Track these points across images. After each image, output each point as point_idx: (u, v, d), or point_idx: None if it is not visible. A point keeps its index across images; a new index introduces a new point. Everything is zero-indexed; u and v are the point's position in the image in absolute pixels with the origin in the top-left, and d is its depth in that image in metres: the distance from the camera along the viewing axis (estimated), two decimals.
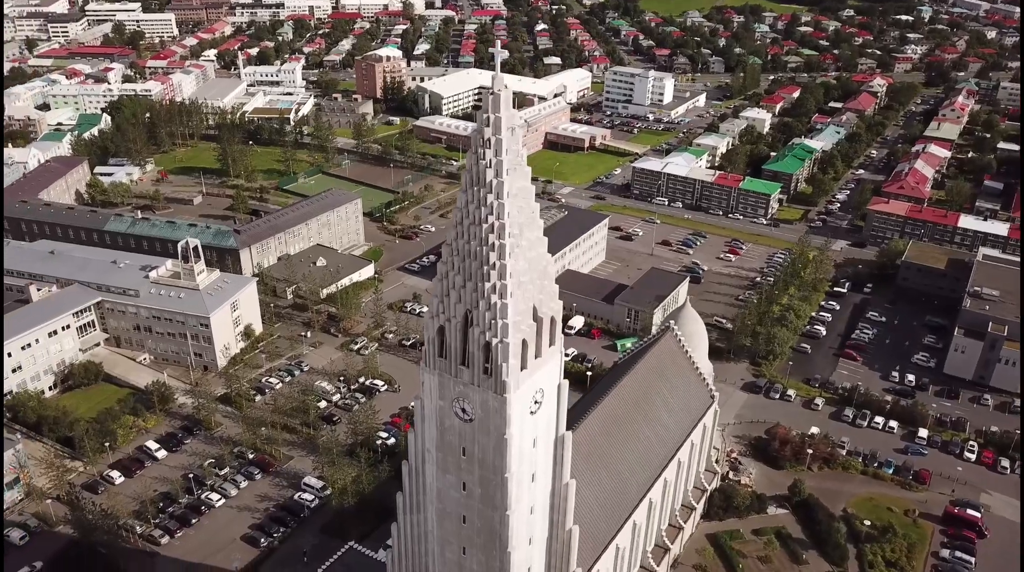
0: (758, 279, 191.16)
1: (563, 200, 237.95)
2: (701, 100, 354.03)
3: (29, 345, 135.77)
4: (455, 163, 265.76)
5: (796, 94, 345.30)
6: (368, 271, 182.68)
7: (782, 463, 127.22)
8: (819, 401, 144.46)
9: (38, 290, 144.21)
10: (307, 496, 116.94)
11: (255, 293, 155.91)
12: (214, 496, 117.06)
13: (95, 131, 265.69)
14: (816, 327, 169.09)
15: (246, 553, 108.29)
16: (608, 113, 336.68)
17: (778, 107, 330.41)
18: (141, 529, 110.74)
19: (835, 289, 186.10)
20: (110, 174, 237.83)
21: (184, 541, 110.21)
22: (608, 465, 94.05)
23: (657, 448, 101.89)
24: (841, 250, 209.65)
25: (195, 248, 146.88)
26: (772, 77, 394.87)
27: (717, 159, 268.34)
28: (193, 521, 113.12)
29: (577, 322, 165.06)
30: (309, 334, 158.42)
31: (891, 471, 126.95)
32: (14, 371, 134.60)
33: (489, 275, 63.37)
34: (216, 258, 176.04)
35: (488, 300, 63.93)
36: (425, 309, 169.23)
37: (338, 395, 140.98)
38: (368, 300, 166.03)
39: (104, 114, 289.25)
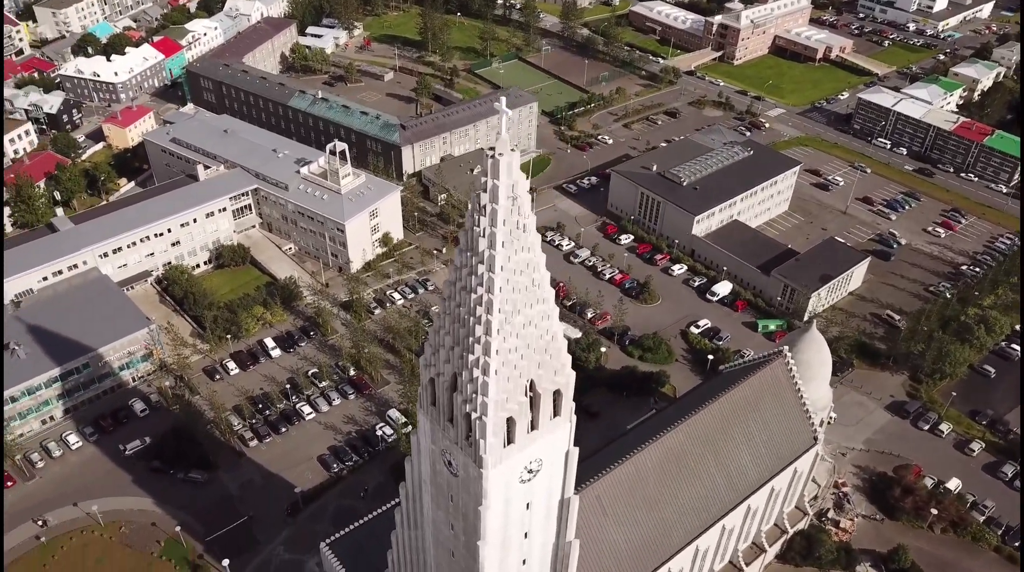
0: (965, 268, 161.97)
1: (766, 124, 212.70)
2: (986, 9, 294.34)
3: (188, 223, 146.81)
4: (661, 61, 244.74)
5: None
6: None
7: (899, 514, 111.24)
8: (977, 445, 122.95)
9: (205, 169, 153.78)
10: (387, 430, 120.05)
11: (398, 201, 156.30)
12: (306, 409, 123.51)
13: None
14: (1013, 346, 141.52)
15: (316, 474, 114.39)
16: (861, 15, 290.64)
17: None
18: (237, 427, 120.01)
19: None
20: (319, 35, 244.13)
21: (269, 448, 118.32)
22: (653, 507, 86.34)
23: (723, 492, 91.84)
24: None
25: (342, 152, 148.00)
26: None
27: (975, 95, 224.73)
28: (282, 430, 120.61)
29: (722, 289, 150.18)
30: (444, 250, 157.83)
31: None
32: (173, 245, 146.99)
33: (474, 348, 56.44)
34: (379, 150, 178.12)
35: (471, 372, 57.39)
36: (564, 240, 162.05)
37: None
38: None
39: None
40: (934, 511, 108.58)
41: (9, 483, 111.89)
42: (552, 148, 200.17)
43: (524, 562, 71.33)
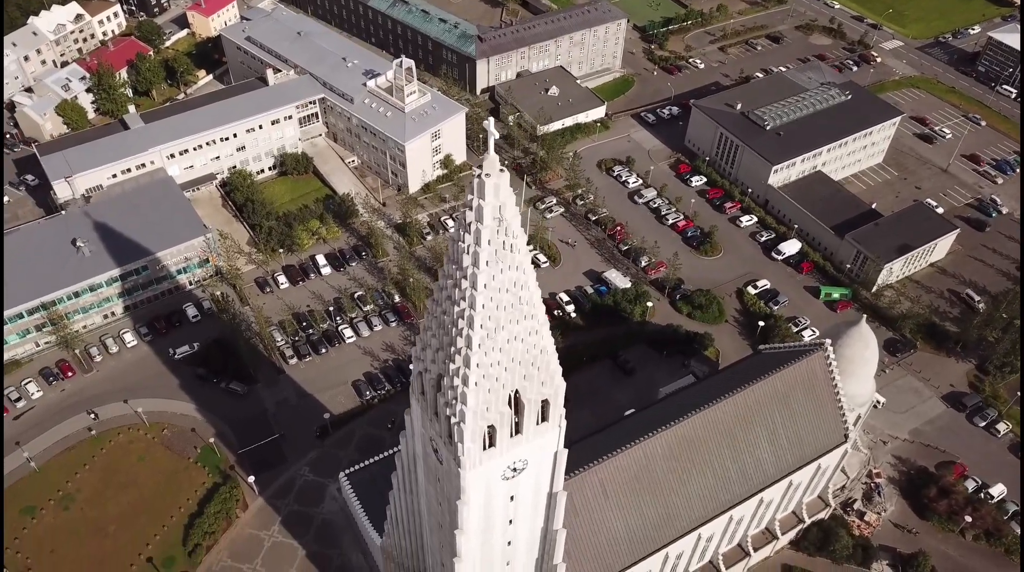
0: None
1: (878, 59, 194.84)
2: None
3: (254, 129, 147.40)
4: None
5: None
6: (597, 112, 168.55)
7: (930, 515, 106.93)
8: None
9: (275, 73, 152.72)
10: None
11: (463, 123, 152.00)
12: (348, 331, 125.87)
13: None
14: None
15: (349, 400, 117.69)
16: None
17: None
18: (280, 343, 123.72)
19: None
20: None
21: (308, 368, 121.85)
22: (657, 493, 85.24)
23: (736, 483, 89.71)
24: None
25: (408, 69, 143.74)
26: None
27: None
28: (322, 350, 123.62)
29: (789, 247, 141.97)
30: None
31: None
32: (238, 150, 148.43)
33: (455, 357, 55.18)
34: (454, 62, 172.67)
35: (452, 379, 56.43)
36: (630, 176, 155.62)
37: None
38: (571, 153, 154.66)
39: None
40: (968, 518, 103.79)
41: (70, 373, 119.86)
42: (638, 69, 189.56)
43: (509, 543, 72.25)
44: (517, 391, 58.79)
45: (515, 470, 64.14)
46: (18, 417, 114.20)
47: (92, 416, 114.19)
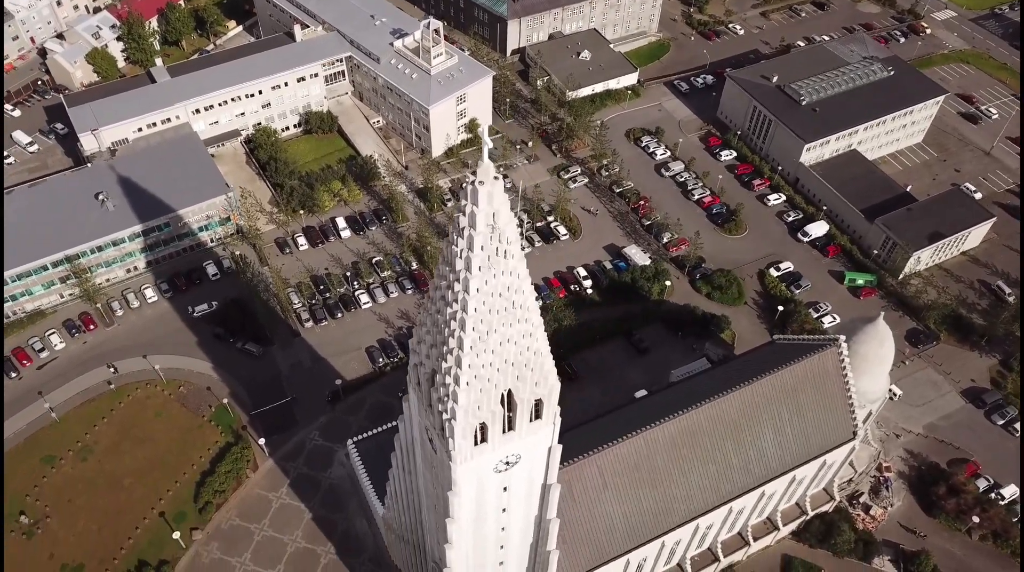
0: None
1: (927, 30, 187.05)
2: None
3: (279, 86, 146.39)
4: None
5: None
6: (629, 79, 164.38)
7: (938, 512, 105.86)
8: None
9: (302, 29, 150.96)
10: None
11: (489, 87, 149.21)
12: (364, 297, 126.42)
13: None
14: None
15: (361, 366, 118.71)
16: None
17: None
18: (296, 305, 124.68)
19: None
20: None
21: (323, 332, 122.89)
22: (657, 483, 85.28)
23: (738, 476, 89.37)
24: None
25: (436, 30, 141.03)
26: None
27: None
28: (338, 315, 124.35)
29: (816, 230, 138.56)
30: (530, 144, 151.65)
31: None
32: (264, 107, 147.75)
33: (447, 357, 55.08)
34: (486, 21, 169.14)
35: (444, 377, 56.45)
36: (658, 151, 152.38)
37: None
38: (599, 121, 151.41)
39: None
40: (976, 519, 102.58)
41: (92, 326, 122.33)
42: (675, 33, 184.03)
43: (503, 529, 73.06)
44: (511, 390, 58.69)
45: (508, 464, 64.48)
46: (41, 367, 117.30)
47: (112, 370, 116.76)
